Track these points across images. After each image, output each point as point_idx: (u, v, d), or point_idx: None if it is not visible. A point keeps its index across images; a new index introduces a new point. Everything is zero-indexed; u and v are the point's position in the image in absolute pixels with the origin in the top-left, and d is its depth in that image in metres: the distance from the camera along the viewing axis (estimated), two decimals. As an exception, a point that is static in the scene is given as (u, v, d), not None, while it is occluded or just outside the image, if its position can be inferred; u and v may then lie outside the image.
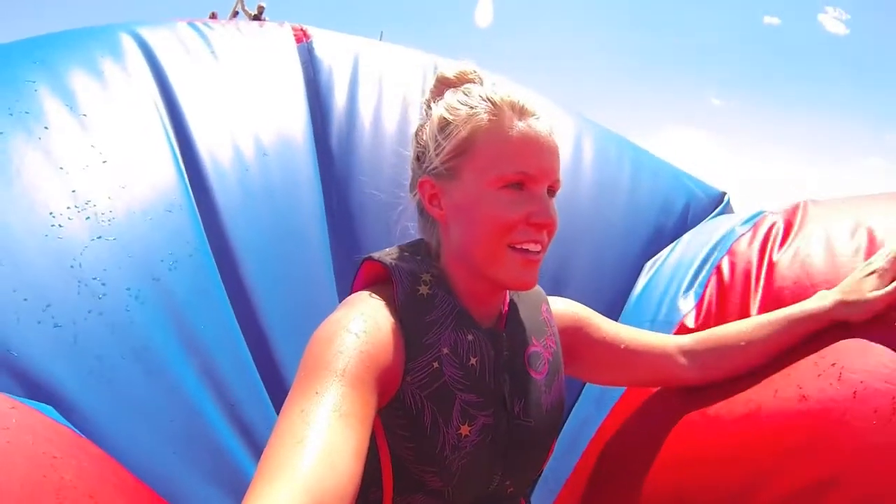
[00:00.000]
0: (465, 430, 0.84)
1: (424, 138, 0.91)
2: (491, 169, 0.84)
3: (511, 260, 0.85)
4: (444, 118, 0.88)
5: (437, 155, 0.88)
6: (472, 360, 0.86)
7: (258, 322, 1.29)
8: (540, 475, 1.00)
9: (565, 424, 1.42)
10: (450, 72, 0.94)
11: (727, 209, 1.77)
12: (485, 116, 0.86)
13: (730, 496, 0.92)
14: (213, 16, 9.31)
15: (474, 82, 0.93)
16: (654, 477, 1.04)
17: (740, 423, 0.97)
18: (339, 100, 1.63)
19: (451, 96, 0.90)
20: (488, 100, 0.87)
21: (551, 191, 0.89)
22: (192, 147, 1.36)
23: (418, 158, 0.94)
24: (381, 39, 2.00)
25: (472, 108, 0.87)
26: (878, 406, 0.84)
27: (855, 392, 0.87)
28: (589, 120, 1.88)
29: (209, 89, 1.47)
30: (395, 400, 0.82)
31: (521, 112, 0.87)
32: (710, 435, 1.00)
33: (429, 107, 0.94)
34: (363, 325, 0.77)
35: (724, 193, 1.82)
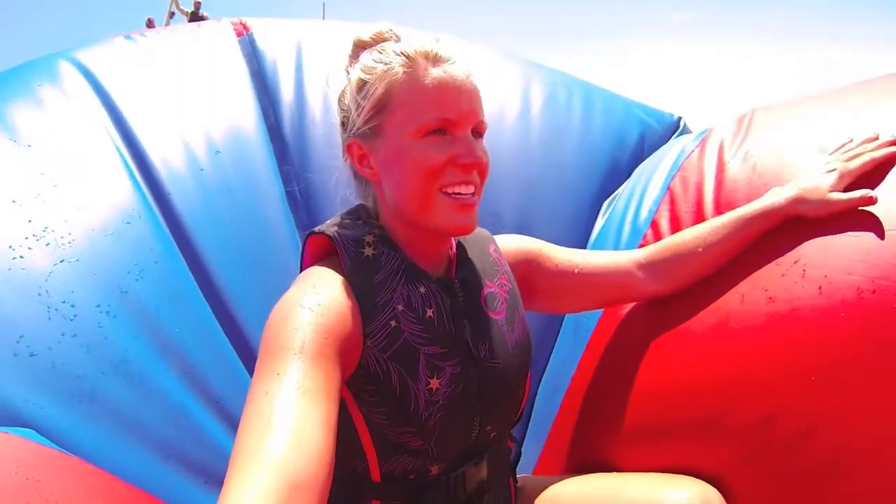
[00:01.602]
0: (434, 383, 0.84)
1: (346, 102, 0.91)
2: (411, 120, 0.84)
3: (444, 205, 0.85)
4: (361, 79, 0.88)
5: (358, 116, 0.88)
6: (429, 312, 0.87)
7: (233, 316, 1.33)
8: (521, 415, 1.00)
9: (548, 364, 1.43)
10: (365, 34, 0.92)
11: (684, 133, 1.76)
12: (399, 70, 0.85)
13: (709, 416, 0.94)
14: (150, 22, 9.19)
15: (390, 40, 0.91)
16: (634, 406, 1.05)
17: (711, 335, 0.98)
18: (286, 87, 1.63)
19: (366, 56, 0.89)
20: (402, 53, 0.86)
21: (477, 132, 0.88)
22: (144, 156, 1.38)
23: (343, 124, 0.94)
24: (323, 14, 1.98)
25: (386, 63, 0.86)
26: (844, 298, 0.86)
27: (820, 287, 0.89)
28: (537, 64, 1.86)
29: (153, 97, 1.48)
30: (359, 368, 0.82)
31: (435, 59, 0.86)
32: (684, 354, 1.02)
33: (347, 72, 0.93)
34: (315, 297, 0.77)
35: (680, 118, 1.80)
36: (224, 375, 1.25)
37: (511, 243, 1.08)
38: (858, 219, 0.92)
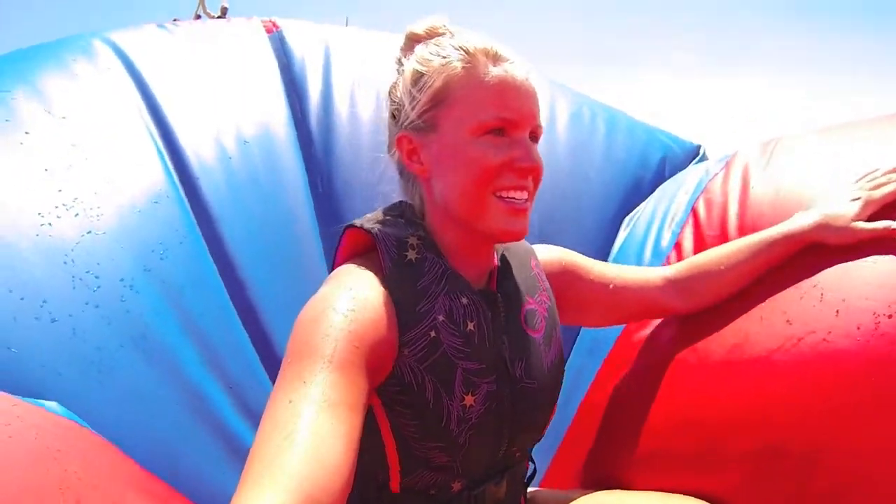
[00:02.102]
0: (469, 400, 0.81)
1: (398, 94, 0.88)
2: (469, 117, 0.82)
3: (497, 209, 0.83)
4: (417, 70, 0.85)
5: (412, 109, 0.85)
6: (470, 325, 0.83)
7: (251, 304, 1.32)
8: (544, 434, 0.98)
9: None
10: (419, 27, 0.90)
11: (703, 161, 1.78)
12: (458, 65, 0.83)
13: (717, 442, 0.94)
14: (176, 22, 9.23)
15: (444, 35, 0.89)
16: (649, 427, 1.05)
17: (729, 357, 0.99)
18: (313, 85, 1.64)
19: (422, 49, 0.87)
20: (461, 48, 0.84)
21: (533, 136, 0.86)
22: (174, 139, 1.38)
23: (394, 116, 0.90)
24: (346, 24, 2.02)
25: (444, 57, 0.84)
26: (861, 322, 0.87)
27: (837, 311, 0.90)
28: (560, 84, 1.90)
29: (184, 83, 1.49)
30: (392, 376, 0.79)
31: (496, 58, 0.84)
32: (700, 375, 1.02)
33: (400, 63, 0.91)
34: (350, 302, 0.74)
35: (700, 146, 1.84)
36: (239, 362, 1.24)
37: (549, 255, 1.06)
38: (878, 247, 0.94)
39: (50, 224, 1.10)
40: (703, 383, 1.01)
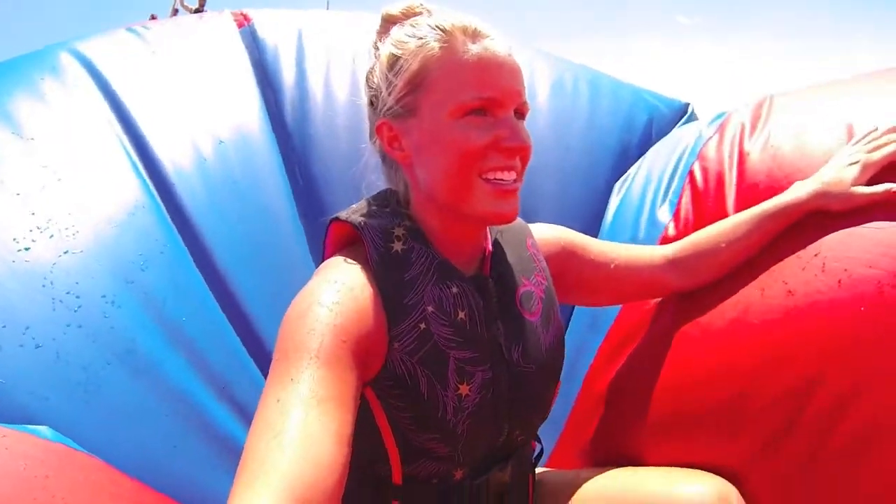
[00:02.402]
0: (464, 389, 0.80)
1: (375, 81, 0.85)
2: (449, 98, 0.78)
3: (484, 192, 0.80)
4: (393, 54, 0.82)
5: (390, 94, 0.82)
6: (461, 314, 0.82)
7: (238, 304, 1.32)
8: (547, 416, 0.96)
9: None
10: (394, 8, 0.87)
11: (692, 120, 1.74)
12: (436, 45, 0.80)
13: (727, 404, 0.93)
14: (153, 18, 9.25)
15: (421, 15, 0.86)
16: (656, 399, 1.04)
17: (731, 328, 0.97)
18: (287, 76, 1.61)
19: (397, 31, 0.84)
20: (437, 27, 0.81)
21: (519, 114, 0.83)
22: (147, 148, 1.36)
23: (372, 103, 0.88)
24: (328, 9, 1.97)
25: (420, 38, 0.81)
26: (864, 292, 0.84)
27: (840, 281, 0.87)
28: (542, 51, 1.85)
29: (155, 89, 1.47)
30: (384, 371, 0.78)
31: (475, 35, 0.81)
32: (704, 345, 1.01)
33: (376, 48, 0.88)
34: (336, 295, 0.73)
35: (688, 104, 1.78)
36: (230, 363, 1.24)
37: (547, 233, 1.04)
38: (881, 211, 0.91)
39: (26, 248, 1.10)
40: (705, 354, 1.00)
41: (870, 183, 0.94)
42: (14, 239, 1.10)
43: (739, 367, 0.94)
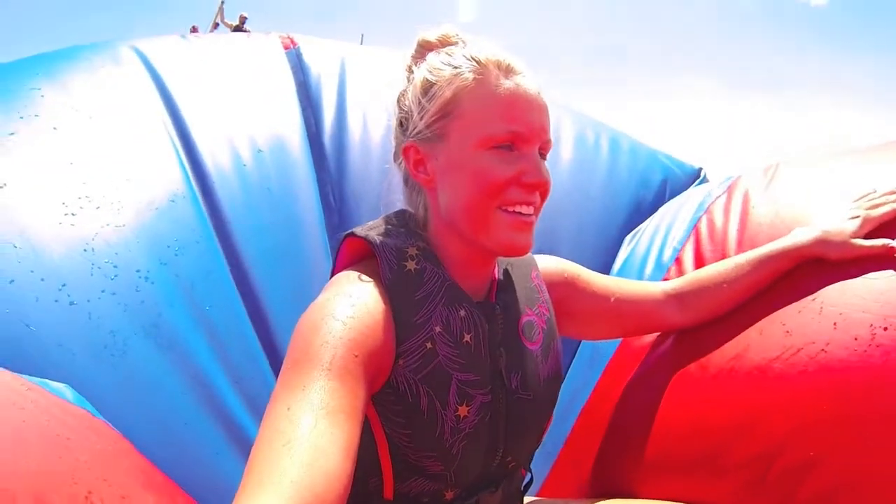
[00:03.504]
0: (463, 411, 0.81)
1: (407, 103, 0.87)
2: (479, 129, 0.80)
3: (502, 223, 0.81)
4: (427, 80, 0.84)
5: (420, 118, 0.84)
6: (467, 337, 0.82)
7: (259, 304, 1.36)
8: (539, 444, 0.98)
9: (562, 387, 1.45)
10: (431, 35, 0.89)
11: (703, 183, 1.82)
12: (470, 76, 0.81)
13: (711, 453, 0.96)
14: (195, 30, 9.47)
15: (456, 45, 0.88)
16: (650, 439, 1.06)
17: (729, 368, 1.00)
18: (328, 101, 1.70)
19: (433, 58, 0.86)
20: (472, 59, 0.83)
21: (542, 152, 0.84)
22: (192, 144, 1.43)
23: (401, 124, 0.89)
24: (361, 43, 2.09)
25: (455, 67, 0.82)
26: (858, 334, 0.89)
27: (835, 323, 0.92)
28: (567, 107, 1.95)
29: (204, 92, 1.55)
30: (387, 386, 0.78)
31: (508, 70, 0.82)
32: (700, 386, 1.03)
33: (410, 71, 0.89)
34: (350, 309, 0.74)
35: (700, 169, 1.88)
36: (246, 356, 1.28)
37: (551, 265, 1.06)
38: (875, 263, 0.96)
39: (73, 214, 1.15)
40: (703, 392, 1.02)
41: (867, 238, 0.98)
42: (63, 203, 1.15)
43: (726, 415, 0.96)
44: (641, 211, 1.70)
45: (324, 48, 1.84)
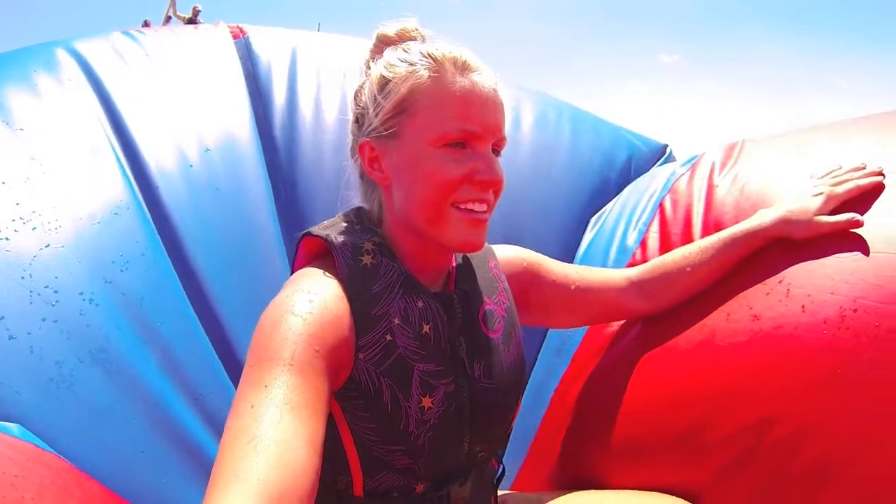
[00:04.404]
0: (426, 402, 0.81)
1: (363, 99, 0.87)
2: (432, 127, 0.81)
3: (456, 220, 0.82)
4: (383, 76, 0.84)
5: (376, 115, 0.84)
6: (426, 328, 0.83)
7: (213, 312, 1.31)
8: (509, 434, 0.98)
9: (529, 378, 1.44)
10: (390, 29, 0.89)
11: (669, 160, 1.80)
12: (425, 73, 0.82)
13: (687, 432, 0.95)
14: (147, 24, 9.24)
15: (415, 40, 0.89)
16: (619, 424, 1.05)
17: (697, 351, 0.99)
18: (278, 91, 1.64)
19: (390, 54, 0.86)
20: (429, 56, 0.83)
21: (496, 149, 0.85)
22: (134, 149, 1.37)
23: (357, 121, 0.89)
24: (318, 31, 2.01)
25: (411, 64, 0.83)
26: (827, 317, 0.87)
27: (803, 306, 0.90)
28: (528, 89, 1.90)
29: (147, 93, 1.48)
30: (349, 381, 0.79)
31: (463, 67, 0.83)
32: (671, 369, 1.02)
33: (368, 66, 0.89)
34: (308, 305, 0.74)
35: (666, 145, 1.84)
36: (204, 372, 1.23)
37: (509, 254, 1.06)
38: (842, 241, 0.94)
39: (7, 238, 1.09)
40: (670, 377, 1.02)
41: (832, 214, 0.96)
42: (-4, 227, 1.08)
43: (701, 395, 0.95)
44: (607, 190, 1.67)
45: (274, 36, 1.77)
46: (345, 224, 0.89)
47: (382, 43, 0.89)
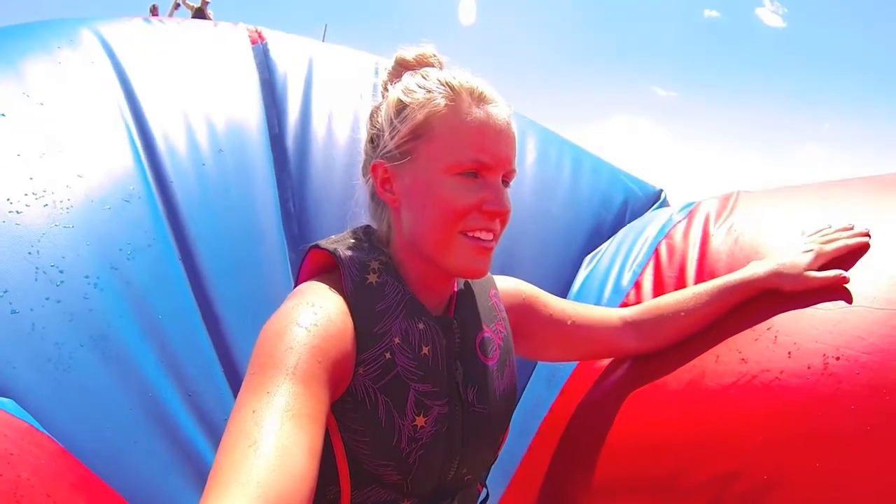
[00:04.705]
0: (420, 421, 0.82)
1: (380, 121, 0.89)
2: (446, 155, 0.82)
3: (462, 247, 0.84)
4: (401, 101, 0.86)
5: (391, 138, 0.85)
6: (425, 349, 0.84)
7: (213, 310, 1.30)
8: (495, 459, 0.99)
9: (517, 406, 1.45)
10: (409, 54, 0.91)
11: (664, 206, 1.85)
12: (442, 101, 0.83)
13: (668, 475, 0.96)
14: (154, 9, 9.06)
15: (433, 66, 0.91)
16: (601, 460, 1.07)
17: (685, 393, 1.02)
18: (293, 103, 1.65)
19: (408, 79, 0.88)
20: (446, 84, 0.84)
21: (505, 180, 0.87)
22: (151, 139, 1.36)
23: (372, 141, 0.91)
24: (324, 33, 2.04)
25: (429, 91, 0.84)
26: (811, 363, 0.91)
27: (790, 352, 0.94)
28: (531, 121, 1.95)
29: (167, 85, 1.48)
30: (347, 394, 0.80)
31: (480, 99, 0.85)
32: (658, 408, 1.05)
33: (385, 89, 0.91)
34: (313, 317, 0.75)
35: (661, 191, 1.91)
36: (200, 370, 1.22)
37: (510, 285, 1.08)
38: (828, 295, 0.98)
39: (18, 212, 1.08)
40: (659, 415, 1.04)
41: (820, 270, 1.00)
42: (8, 200, 1.07)
43: (682, 441, 0.97)
44: (602, 232, 1.71)
45: (292, 45, 1.78)
46: (353, 241, 0.91)
47: (401, 67, 0.91)
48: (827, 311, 0.97)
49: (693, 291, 1.09)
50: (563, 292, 1.60)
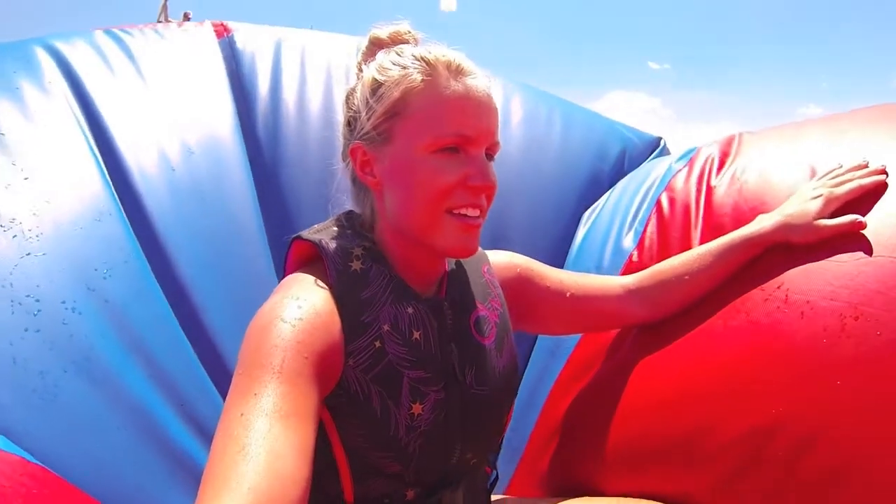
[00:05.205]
0: (417, 408, 0.81)
1: (355, 102, 0.86)
2: (426, 132, 0.80)
3: (449, 225, 0.81)
4: (376, 79, 0.83)
5: (368, 119, 0.83)
6: (416, 334, 0.83)
7: (198, 318, 1.29)
8: (502, 440, 0.97)
9: (521, 379, 1.41)
10: (383, 32, 0.88)
11: (663, 153, 1.77)
12: (418, 76, 0.81)
13: (686, 437, 0.92)
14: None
15: (408, 42, 0.88)
16: (613, 429, 1.02)
17: (693, 358, 0.97)
18: (262, 87, 1.61)
19: (382, 56, 0.85)
20: (422, 59, 0.82)
21: (489, 154, 0.85)
22: (116, 154, 1.34)
23: (349, 124, 0.88)
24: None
25: (404, 67, 0.82)
26: (827, 324, 0.84)
27: (802, 313, 0.87)
28: (518, 83, 1.87)
29: (130, 95, 1.45)
30: (339, 387, 0.78)
31: (457, 71, 0.82)
32: (668, 374, 1.00)
33: (360, 69, 0.88)
34: (298, 311, 0.74)
35: (660, 138, 1.82)
36: (190, 379, 1.21)
37: (503, 260, 1.04)
38: (843, 244, 0.90)
39: (-14, 248, 1.05)
40: (668, 381, 0.99)
41: (832, 217, 0.93)
42: (-25, 236, 1.05)
43: (699, 399, 0.92)
44: (599, 184, 1.64)
45: (258, 33, 1.73)
46: (336, 228, 0.88)
47: (375, 45, 0.88)
48: (842, 264, 0.89)
49: (697, 253, 1.04)
50: (560, 249, 1.54)
